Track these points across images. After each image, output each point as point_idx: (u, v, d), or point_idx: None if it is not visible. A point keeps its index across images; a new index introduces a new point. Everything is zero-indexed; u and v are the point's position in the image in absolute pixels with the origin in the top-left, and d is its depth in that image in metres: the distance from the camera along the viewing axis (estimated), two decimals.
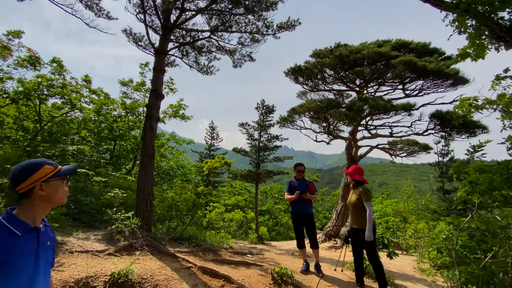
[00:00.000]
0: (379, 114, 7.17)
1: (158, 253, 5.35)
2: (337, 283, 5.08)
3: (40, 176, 1.27)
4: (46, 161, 1.34)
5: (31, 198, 1.27)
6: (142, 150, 6.47)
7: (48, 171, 1.30)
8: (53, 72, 9.05)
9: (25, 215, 1.25)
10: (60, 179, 1.35)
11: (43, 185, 1.28)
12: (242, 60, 7.56)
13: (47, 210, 1.35)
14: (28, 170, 1.27)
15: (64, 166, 1.40)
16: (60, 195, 1.35)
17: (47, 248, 1.37)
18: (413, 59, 6.65)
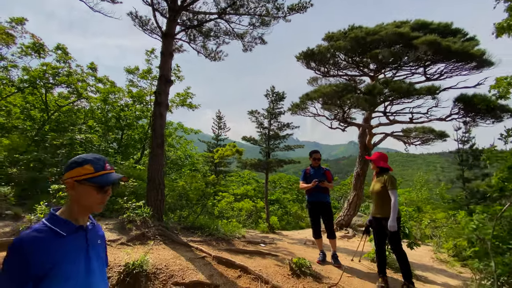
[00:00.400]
0: (401, 98, 6.77)
1: (171, 243, 5.23)
2: (357, 273, 4.90)
3: (75, 174, 1.17)
4: (93, 160, 1.21)
5: (69, 195, 1.19)
6: (152, 139, 6.28)
7: (85, 172, 1.17)
8: (58, 59, 8.83)
9: (67, 213, 1.18)
10: (95, 186, 1.18)
11: (75, 184, 1.17)
12: (252, 43, 7.20)
13: (83, 212, 1.21)
14: (72, 163, 1.18)
15: (106, 174, 1.22)
16: (90, 202, 1.19)
17: (98, 246, 1.29)
18: (438, 39, 6.16)
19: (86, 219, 1.24)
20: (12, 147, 7.08)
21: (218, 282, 3.88)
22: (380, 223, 4.40)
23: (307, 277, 4.27)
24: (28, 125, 9.04)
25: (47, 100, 9.42)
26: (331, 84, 7.50)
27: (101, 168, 1.20)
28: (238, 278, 4.09)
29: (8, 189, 5.64)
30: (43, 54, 8.40)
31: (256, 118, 9.40)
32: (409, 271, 4.10)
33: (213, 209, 7.97)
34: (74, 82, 9.57)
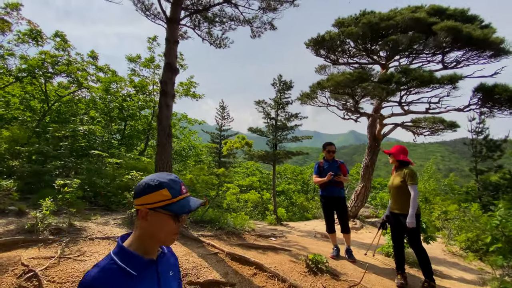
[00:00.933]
0: (419, 88, 6.47)
1: (181, 237, 5.08)
2: (373, 269, 4.77)
3: (150, 200, 0.96)
4: (169, 184, 0.99)
5: (140, 224, 0.99)
6: (159, 130, 6.03)
7: (161, 198, 0.97)
8: (57, 47, 8.45)
9: (136, 245, 0.98)
10: (171, 215, 0.98)
11: (149, 213, 0.96)
12: (262, 28, 6.83)
13: (154, 244, 1.02)
14: (146, 187, 0.97)
15: (184, 198, 1.01)
16: (164, 234, 0.99)
17: (170, 279, 1.10)
18: (458, 25, 5.78)
19: (156, 250, 1.05)
20: (12, 139, 6.85)
21: (233, 281, 3.74)
22: (398, 218, 4.23)
23: (324, 274, 4.14)
24: (28, 116, 8.77)
25: (47, 90, 9.11)
26: (345, 72, 7.16)
27: (178, 192, 0.99)
28: (253, 276, 3.95)
29: (10, 182, 5.46)
30: (41, 41, 8.02)
31: (263, 108, 9.11)
32: (429, 269, 3.96)
33: (221, 202, 7.82)
34: (74, 71, 9.22)
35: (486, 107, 6.47)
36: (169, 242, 1.03)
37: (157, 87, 11.18)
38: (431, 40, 6.24)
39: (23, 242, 3.64)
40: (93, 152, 6.55)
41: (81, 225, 4.63)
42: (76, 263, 3.37)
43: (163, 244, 1.05)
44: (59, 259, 3.37)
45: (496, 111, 6.39)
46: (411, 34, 6.38)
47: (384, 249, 5.71)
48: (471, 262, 5.44)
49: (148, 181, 0.98)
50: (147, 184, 0.97)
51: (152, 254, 1.02)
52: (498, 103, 6.10)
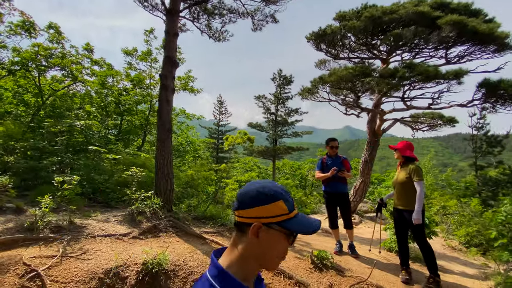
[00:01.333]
0: (424, 83, 6.44)
1: (184, 235, 5.02)
2: (377, 265, 4.78)
3: (266, 213, 0.80)
4: (284, 194, 0.83)
5: (244, 238, 0.83)
6: (159, 125, 5.91)
7: (278, 212, 0.80)
8: (51, 40, 8.16)
9: (237, 266, 0.80)
10: (286, 234, 0.82)
11: (262, 228, 0.79)
12: (263, 21, 6.68)
13: (257, 268, 0.85)
14: (261, 196, 0.80)
15: (298, 214, 0.85)
16: (273, 256, 0.83)
17: None
18: (464, 19, 5.73)
19: (255, 275, 0.89)
20: (7, 134, 6.65)
21: None
22: (402, 214, 4.23)
23: (329, 270, 4.13)
24: (22, 110, 8.52)
25: (41, 84, 8.85)
26: (347, 67, 7.09)
27: (292, 206, 0.84)
28: None
29: (6, 178, 5.30)
30: (34, 33, 7.72)
31: (263, 103, 9.01)
32: (435, 264, 3.98)
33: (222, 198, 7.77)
34: (68, 65, 8.96)
35: (489, 102, 6.49)
36: (274, 266, 0.86)
37: (154, 81, 10.98)
38: (435, 35, 6.18)
39: (23, 240, 3.53)
40: (91, 147, 6.40)
41: (82, 222, 4.52)
42: (79, 262, 3.28)
43: (267, 268, 0.87)
44: (62, 258, 3.28)
45: (499, 106, 6.41)
46: (414, 28, 6.32)
47: (386, 244, 5.75)
48: (474, 257, 5.51)
49: (260, 189, 0.81)
50: (260, 192, 0.81)
51: (250, 280, 0.84)
52: (502, 98, 6.11)
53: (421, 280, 4.17)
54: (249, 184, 0.86)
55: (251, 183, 0.86)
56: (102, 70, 9.25)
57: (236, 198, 0.86)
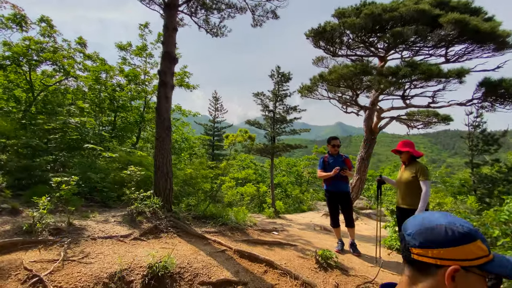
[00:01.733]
0: (426, 81, 6.47)
1: (185, 235, 4.95)
2: (385, 264, 4.81)
3: (464, 255, 0.69)
4: (479, 233, 0.73)
5: (429, 280, 0.71)
6: (158, 123, 5.78)
7: (480, 253, 0.70)
8: (42, 33, 7.83)
9: None
10: (483, 278, 0.71)
11: (459, 272, 0.69)
12: (264, 17, 6.56)
13: None
14: (456, 234, 0.70)
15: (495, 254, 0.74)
16: None
17: None
18: (466, 17, 5.76)
19: None
20: None
21: (245, 279, 3.68)
22: (406, 214, 4.24)
23: (334, 269, 4.14)
24: (13, 106, 8.20)
25: (31, 79, 8.52)
26: (348, 65, 7.06)
27: (487, 245, 0.74)
28: (264, 274, 3.90)
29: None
30: (25, 27, 7.37)
31: (262, 100, 8.93)
32: None
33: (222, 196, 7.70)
34: (60, 59, 8.65)
35: (488, 101, 6.57)
36: None
37: (149, 77, 10.73)
38: (437, 33, 6.20)
39: (22, 244, 3.40)
40: (87, 145, 6.22)
41: (81, 224, 4.40)
42: (82, 266, 3.18)
43: None
44: (63, 262, 3.18)
45: (498, 105, 6.50)
46: (415, 27, 6.32)
47: (386, 242, 5.80)
48: None
49: (451, 226, 0.71)
50: (452, 230, 0.70)
51: None
52: (501, 97, 6.20)
53: None
54: (429, 217, 0.75)
55: (430, 216, 0.76)
56: (95, 65, 8.96)
57: (413, 234, 0.75)
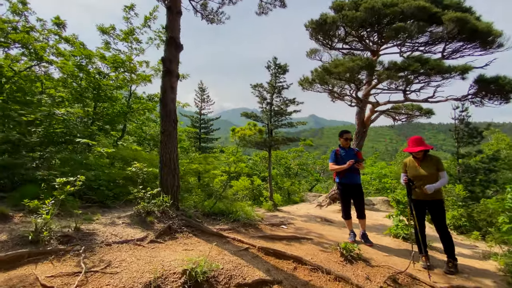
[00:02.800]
0: (430, 77, 6.71)
1: (201, 234, 4.70)
2: (391, 251, 5.00)
3: None
4: None
5: None
6: (163, 116, 5.34)
7: None
8: (13, 10, 6.72)
9: None
10: None
11: None
12: (272, 4, 6.27)
13: None
14: None
15: None
16: None
17: None
18: (467, 16, 6.05)
19: None
20: None
21: (279, 278, 3.57)
22: (433, 206, 4.33)
23: (358, 261, 4.19)
24: None
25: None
26: (353, 59, 7.08)
27: None
28: (295, 270, 3.83)
29: None
30: None
31: (259, 92, 8.70)
32: (453, 249, 4.25)
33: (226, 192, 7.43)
34: (31, 41, 7.59)
35: (479, 96, 7.06)
36: None
37: (134, 64, 9.91)
38: (437, 30, 6.47)
39: (29, 256, 2.95)
40: (79, 140, 5.55)
41: (88, 228, 3.95)
42: (109, 277, 2.84)
43: None
44: (86, 274, 2.80)
45: (487, 101, 7.02)
46: (417, 23, 6.51)
47: (392, 230, 6.04)
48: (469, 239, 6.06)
49: None
50: None
51: None
52: (492, 93, 6.68)
53: (438, 265, 4.46)
54: None
55: None
56: (76, 50, 7.98)
57: None
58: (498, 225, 4.28)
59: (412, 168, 4.40)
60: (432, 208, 4.32)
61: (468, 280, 3.94)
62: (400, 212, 5.98)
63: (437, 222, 4.32)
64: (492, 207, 4.97)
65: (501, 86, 6.32)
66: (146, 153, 7.77)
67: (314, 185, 17.99)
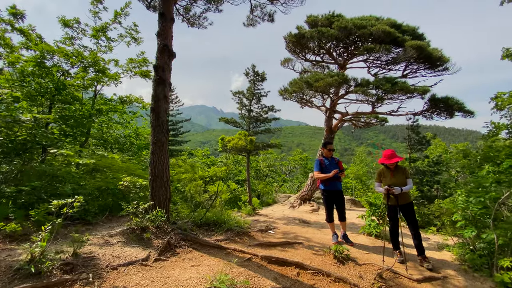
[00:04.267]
0: (399, 95, 7.69)
1: (201, 247, 4.70)
2: (368, 249, 5.66)
3: None
4: None
5: None
6: (154, 126, 5.13)
7: None
8: None
9: None
10: None
11: None
12: (260, 18, 6.45)
13: None
14: None
15: None
16: None
17: None
18: (424, 44, 7.17)
19: None
20: None
21: (287, 284, 3.83)
22: (406, 209, 5.01)
23: (349, 262, 4.69)
24: None
25: None
26: (330, 74, 7.71)
27: None
28: (298, 276, 4.13)
29: None
30: None
31: (240, 99, 8.80)
32: (422, 246, 5.04)
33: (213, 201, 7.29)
34: None
35: (430, 112, 8.38)
36: None
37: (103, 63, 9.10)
38: (402, 53, 7.50)
39: None
40: (55, 151, 4.93)
41: (84, 252, 3.65)
42: None
43: None
44: None
45: (435, 115, 8.36)
46: (384, 45, 7.46)
47: (365, 229, 6.79)
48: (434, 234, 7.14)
49: None
50: None
51: None
52: (440, 109, 8.01)
53: (409, 259, 5.23)
54: None
55: None
56: (38, 45, 6.94)
57: None
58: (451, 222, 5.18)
59: (387, 177, 4.98)
60: (405, 211, 5.01)
61: (435, 271, 4.75)
62: (372, 213, 6.77)
63: (411, 223, 5.05)
64: (446, 207, 6.03)
65: (449, 105, 7.71)
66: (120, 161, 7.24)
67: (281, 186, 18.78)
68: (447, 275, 4.50)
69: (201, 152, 16.77)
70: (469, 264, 4.78)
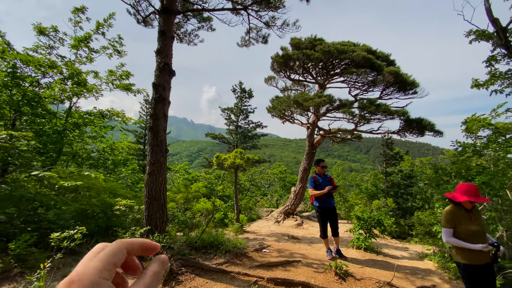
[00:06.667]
0: (380, 115, 8.33)
1: (203, 273, 4.51)
2: (363, 263, 5.91)
3: None
4: None
5: None
6: (153, 146, 4.93)
7: None
8: None
9: None
10: None
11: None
12: (254, 40, 6.65)
13: None
14: None
15: None
16: None
17: None
18: (399, 70, 8.00)
19: None
20: None
21: None
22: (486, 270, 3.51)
23: (349, 277, 4.86)
24: None
25: None
26: (318, 95, 8.15)
27: None
28: None
29: None
30: None
31: (229, 115, 8.81)
32: None
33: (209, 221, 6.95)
34: None
35: (404, 131, 9.21)
36: None
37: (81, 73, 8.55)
38: (380, 77, 8.25)
39: None
40: (36, 173, 4.41)
41: None
42: None
43: None
44: None
45: (408, 134, 9.22)
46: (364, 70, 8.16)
47: (354, 243, 7.08)
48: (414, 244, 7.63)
49: None
50: None
51: None
52: (412, 129, 8.87)
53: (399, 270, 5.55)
54: None
55: None
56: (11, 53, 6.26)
57: None
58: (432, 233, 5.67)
59: (463, 223, 3.08)
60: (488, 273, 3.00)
61: (424, 280, 5.10)
62: (360, 227, 7.11)
63: None
64: (426, 219, 6.59)
65: (422, 125, 8.61)
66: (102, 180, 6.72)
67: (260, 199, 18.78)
68: (435, 283, 4.87)
69: (180, 167, 16.13)
70: (451, 273, 5.24)
